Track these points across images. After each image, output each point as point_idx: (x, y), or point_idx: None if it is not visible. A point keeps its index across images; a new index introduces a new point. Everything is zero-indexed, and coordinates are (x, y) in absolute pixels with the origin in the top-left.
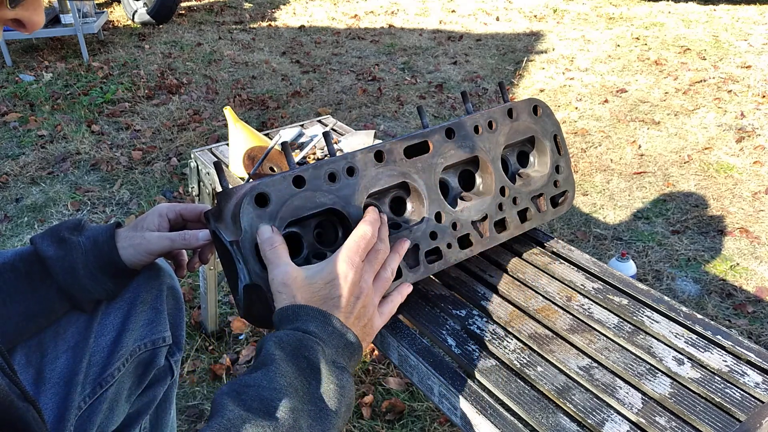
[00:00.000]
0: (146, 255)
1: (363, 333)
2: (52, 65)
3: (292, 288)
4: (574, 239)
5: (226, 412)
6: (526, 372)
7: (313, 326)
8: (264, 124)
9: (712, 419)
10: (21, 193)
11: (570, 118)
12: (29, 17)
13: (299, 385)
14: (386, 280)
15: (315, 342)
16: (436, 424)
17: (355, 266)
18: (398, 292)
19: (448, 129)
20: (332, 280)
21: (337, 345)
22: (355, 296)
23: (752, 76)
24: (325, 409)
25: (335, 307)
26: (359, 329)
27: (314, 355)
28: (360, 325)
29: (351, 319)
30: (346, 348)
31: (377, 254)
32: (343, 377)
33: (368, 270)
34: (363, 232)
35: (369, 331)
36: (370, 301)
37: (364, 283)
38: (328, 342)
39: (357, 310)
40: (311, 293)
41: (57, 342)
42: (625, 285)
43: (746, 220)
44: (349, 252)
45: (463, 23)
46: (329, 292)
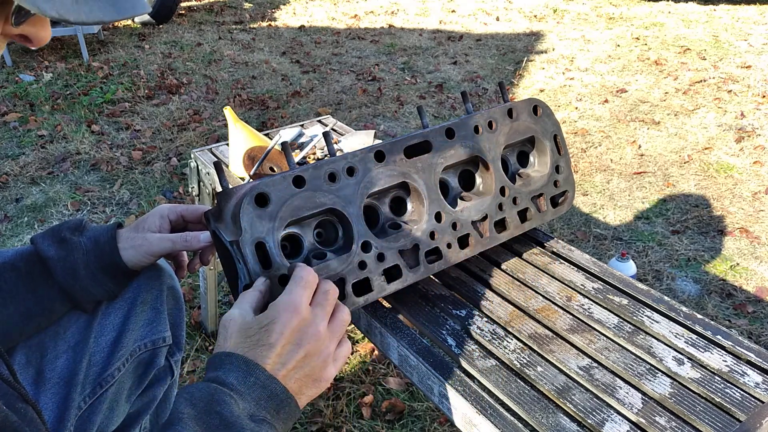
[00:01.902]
0: (147, 256)
1: (303, 384)
2: (52, 65)
3: (229, 330)
4: (574, 239)
5: None
6: (526, 372)
7: (232, 377)
8: (264, 124)
9: (712, 419)
10: (21, 193)
11: (570, 118)
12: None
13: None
14: (344, 322)
15: (229, 396)
16: (436, 424)
17: (300, 308)
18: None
19: (448, 129)
20: (268, 324)
21: (258, 397)
22: (293, 343)
23: (752, 76)
24: None
25: (264, 356)
26: (297, 379)
27: (227, 410)
28: (299, 375)
29: (284, 369)
30: (270, 400)
31: (327, 294)
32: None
33: (320, 314)
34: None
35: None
36: (319, 348)
37: (313, 329)
38: (247, 394)
39: (296, 359)
40: (244, 338)
41: (57, 342)
42: (625, 285)
43: (746, 220)
44: (293, 294)
45: (463, 23)
46: (261, 338)
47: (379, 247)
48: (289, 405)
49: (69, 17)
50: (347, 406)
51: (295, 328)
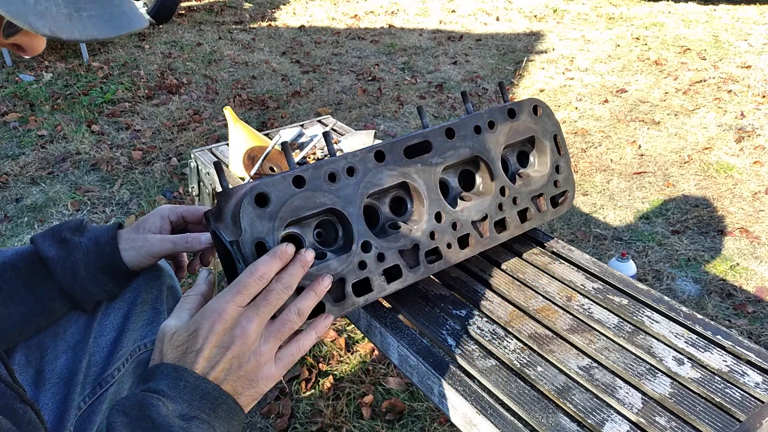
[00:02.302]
0: (148, 257)
1: (238, 384)
2: (52, 65)
3: (162, 342)
4: (574, 239)
5: None
6: (526, 372)
7: (163, 384)
8: (264, 124)
9: (712, 419)
10: (21, 193)
11: (570, 118)
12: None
13: None
14: (287, 323)
15: (158, 399)
16: (436, 424)
17: (224, 313)
18: (312, 328)
19: (448, 129)
20: (195, 331)
21: (190, 399)
22: (220, 346)
23: (752, 76)
24: None
25: (193, 361)
26: (232, 380)
27: (156, 412)
28: (233, 376)
29: (214, 372)
30: (204, 399)
31: (268, 295)
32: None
33: (251, 315)
34: (245, 274)
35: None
36: (246, 349)
37: (239, 330)
38: (178, 398)
39: (225, 361)
40: (174, 347)
41: (57, 342)
42: (625, 285)
43: (746, 220)
44: (219, 299)
45: (463, 23)
46: (190, 346)
47: (379, 247)
48: (226, 403)
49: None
50: (347, 406)
51: (220, 331)
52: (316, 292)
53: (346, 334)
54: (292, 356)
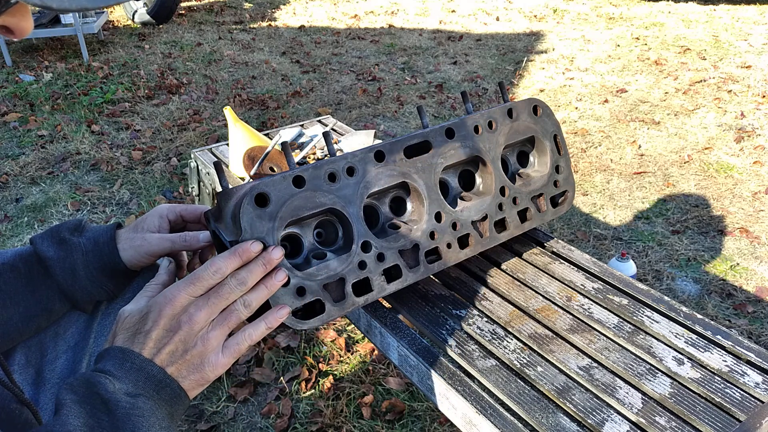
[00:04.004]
0: (147, 256)
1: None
2: (52, 65)
3: (117, 325)
4: (574, 239)
5: None
6: (526, 372)
7: (110, 365)
8: (264, 124)
9: (712, 419)
10: (21, 193)
11: (570, 118)
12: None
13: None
14: (233, 312)
15: (105, 377)
16: (436, 424)
17: (174, 300)
18: (262, 319)
19: (448, 129)
20: (145, 314)
21: (135, 379)
22: (167, 329)
23: (752, 76)
24: None
25: (141, 343)
26: (177, 364)
27: (103, 389)
28: (178, 360)
29: (161, 354)
30: (148, 381)
31: (221, 289)
32: (136, 402)
33: (199, 304)
34: (203, 267)
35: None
36: (194, 334)
37: (185, 316)
38: (123, 378)
39: (171, 344)
40: (125, 329)
41: (57, 342)
42: (625, 285)
43: (746, 220)
44: (172, 288)
45: (463, 23)
46: (139, 327)
47: (379, 247)
48: (170, 386)
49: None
50: (347, 406)
51: (169, 316)
52: (266, 286)
53: (346, 334)
54: (239, 345)
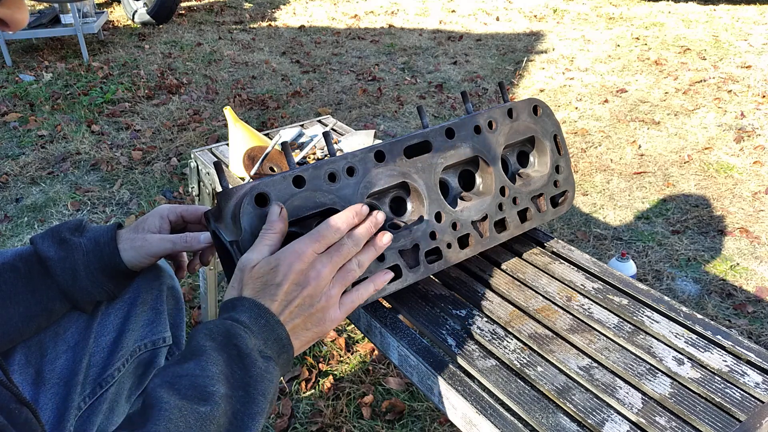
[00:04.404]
0: (147, 257)
1: (310, 321)
2: (52, 65)
3: (243, 273)
4: (574, 239)
5: (163, 404)
6: (526, 372)
7: (245, 317)
8: (264, 124)
9: (712, 419)
10: (21, 193)
11: (570, 118)
12: (11, 15)
13: (230, 373)
14: (350, 272)
15: (244, 331)
16: (436, 424)
17: (303, 255)
18: (370, 281)
19: (448, 129)
20: (275, 267)
21: (266, 338)
22: (296, 284)
23: (752, 76)
24: (254, 395)
25: (272, 295)
26: (301, 319)
27: (243, 343)
28: (305, 314)
29: (290, 308)
30: (276, 342)
31: (340, 248)
32: (268, 367)
33: (324, 261)
34: (320, 228)
35: (319, 320)
36: (319, 291)
37: (314, 272)
38: (258, 333)
39: (299, 299)
40: (254, 279)
41: (57, 342)
42: (625, 285)
43: (746, 220)
44: (299, 243)
45: (463, 23)
46: (269, 279)
47: None
48: (288, 352)
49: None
50: (347, 406)
51: (298, 271)
52: (375, 248)
53: (346, 334)
54: (353, 302)
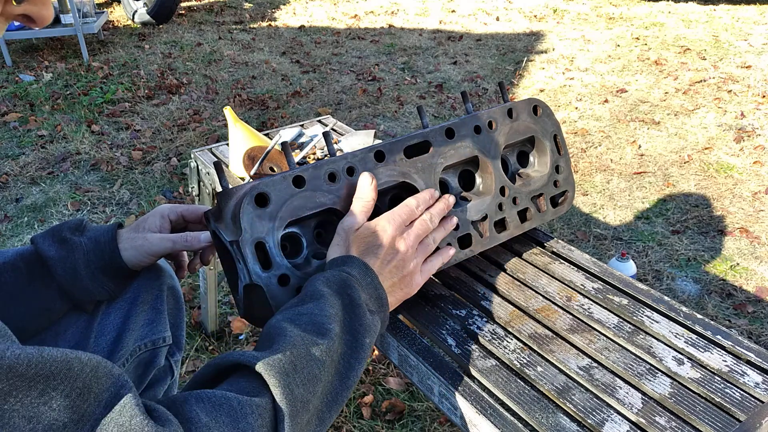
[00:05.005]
0: (148, 256)
1: (401, 283)
2: (52, 65)
3: (348, 235)
4: (574, 239)
5: (287, 333)
6: (526, 372)
7: (355, 272)
8: (264, 124)
9: (712, 419)
10: (21, 193)
11: (570, 118)
12: (38, 12)
13: (343, 317)
14: (428, 246)
15: (356, 283)
16: (436, 424)
17: (395, 225)
18: (439, 254)
19: (448, 129)
20: (374, 232)
21: (370, 294)
22: (392, 249)
23: (752, 76)
24: (360, 342)
25: (374, 255)
26: (396, 279)
27: (355, 294)
28: (398, 276)
29: (388, 267)
30: (377, 300)
31: (421, 223)
32: (374, 319)
33: (410, 232)
34: (408, 203)
35: (408, 283)
36: (409, 257)
37: (404, 241)
38: (365, 288)
39: (395, 262)
40: (359, 240)
41: (57, 342)
42: (625, 285)
43: (746, 220)
44: (392, 214)
45: (463, 23)
46: (371, 242)
47: None
48: (384, 311)
49: None
50: (347, 406)
51: (393, 237)
52: (445, 228)
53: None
54: (429, 271)
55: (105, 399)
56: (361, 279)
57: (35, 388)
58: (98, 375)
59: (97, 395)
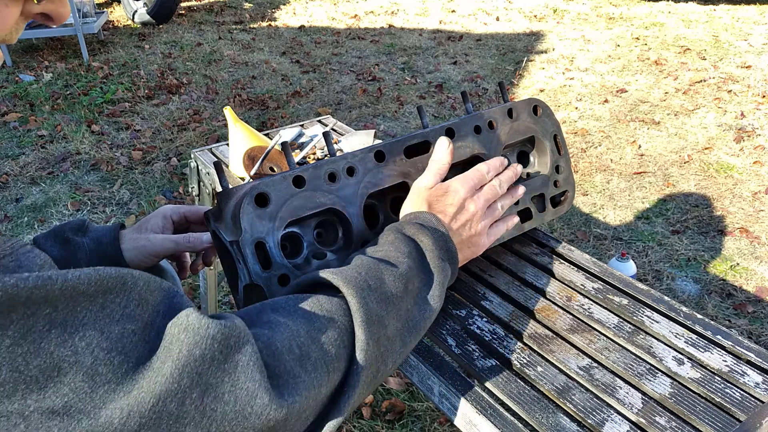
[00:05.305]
0: (150, 257)
1: (469, 242)
2: (52, 65)
3: (421, 192)
4: (574, 239)
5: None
6: (526, 372)
7: (429, 224)
8: (264, 124)
9: (712, 419)
10: (21, 193)
11: (570, 118)
12: (56, 10)
13: (417, 256)
14: (496, 211)
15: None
16: (436, 424)
17: (467, 187)
18: (504, 220)
19: (448, 129)
20: (447, 191)
21: (441, 246)
22: (463, 208)
23: (752, 76)
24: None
25: (446, 212)
26: (464, 237)
27: (427, 240)
28: (467, 234)
29: (457, 224)
30: (447, 252)
31: (490, 188)
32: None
33: (479, 195)
34: (479, 168)
35: (475, 243)
36: (477, 218)
37: (474, 203)
38: (437, 241)
39: (462, 220)
40: (433, 197)
41: None
42: (625, 285)
43: (746, 220)
44: (465, 177)
45: (463, 23)
46: (444, 200)
47: None
48: (453, 264)
49: None
50: None
51: (464, 198)
52: (513, 196)
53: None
54: (494, 235)
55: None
56: (432, 232)
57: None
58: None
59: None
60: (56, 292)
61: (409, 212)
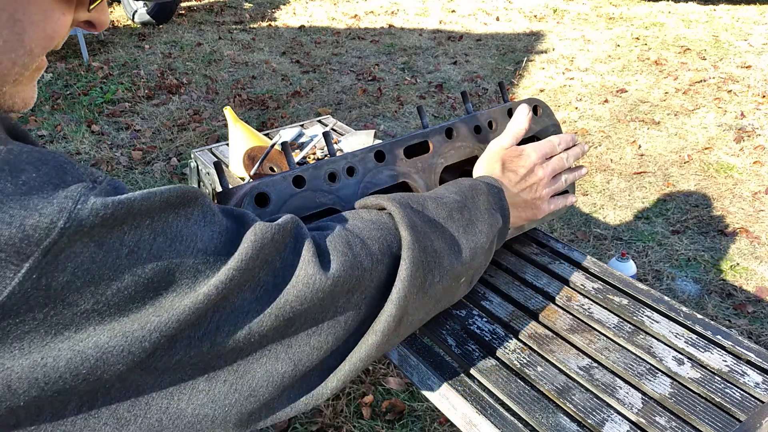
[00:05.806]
0: None
1: (532, 203)
2: (52, 65)
3: (498, 151)
4: (574, 239)
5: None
6: (526, 372)
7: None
8: (264, 124)
9: (712, 419)
10: None
11: (570, 118)
12: (99, 18)
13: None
14: (559, 182)
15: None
16: (436, 424)
17: (539, 154)
18: (564, 197)
19: (448, 129)
20: (520, 154)
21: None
22: (531, 171)
23: (752, 76)
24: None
25: (515, 171)
26: (527, 198)
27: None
28: (530, 195)
29: (523, 185)
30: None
31: (558, 160)
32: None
33: (547, 164)
34: (551, 140)
35: (537, 206)
36: (542, 183)
37: (543, 170)
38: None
39: (530, 182)
40: (507, 156)
41: None
42: (625, 285)
43: (746, 220)
44: (537, 144)
45: (463, 23)
46: (517, 160)
47: None
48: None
49: None
50: (347, 406)
51: (534, 163)
52: (577, 173)
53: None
54: (556, 204)
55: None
56: (487, 183)
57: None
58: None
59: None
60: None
61: (481, 169)
